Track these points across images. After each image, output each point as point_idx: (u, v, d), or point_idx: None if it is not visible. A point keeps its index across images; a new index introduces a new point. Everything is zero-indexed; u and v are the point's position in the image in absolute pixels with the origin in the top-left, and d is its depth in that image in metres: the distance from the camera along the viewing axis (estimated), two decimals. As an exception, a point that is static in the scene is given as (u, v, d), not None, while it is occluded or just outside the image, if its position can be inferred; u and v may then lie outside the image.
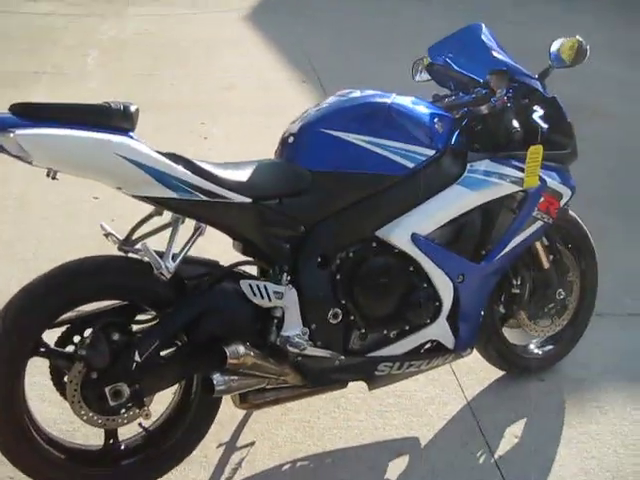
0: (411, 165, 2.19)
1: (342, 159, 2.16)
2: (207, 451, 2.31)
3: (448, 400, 2.67)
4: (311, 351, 2.12)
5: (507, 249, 2.37)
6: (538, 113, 2.39)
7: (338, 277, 2.16)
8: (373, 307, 2.20)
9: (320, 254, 2.14)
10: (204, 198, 1.95)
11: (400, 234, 2.19)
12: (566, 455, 2.44)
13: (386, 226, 2.19)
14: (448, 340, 2.37)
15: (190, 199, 1.93)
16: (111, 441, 2.08)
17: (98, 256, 2.01)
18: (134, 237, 2.11)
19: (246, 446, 2.37)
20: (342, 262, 2.17)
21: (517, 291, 2.60)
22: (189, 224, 2.04)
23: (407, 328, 2.28)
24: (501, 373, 2.82)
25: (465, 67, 2.47)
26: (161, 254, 1.94)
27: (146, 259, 1.93)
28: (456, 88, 2.49)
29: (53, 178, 1.86)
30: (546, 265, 2.64)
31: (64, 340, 1.98)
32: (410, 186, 2.20)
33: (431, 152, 2.22)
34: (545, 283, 2.65)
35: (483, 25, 2.52)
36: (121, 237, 2.10)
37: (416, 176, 2.20)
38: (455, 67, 2.49)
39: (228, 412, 2.34)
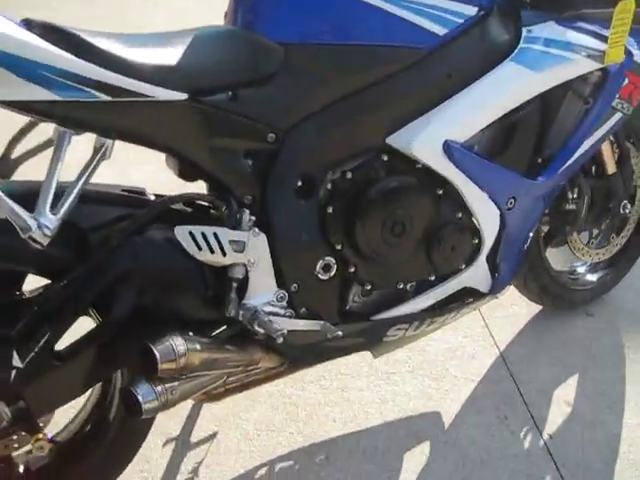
0: (442, 32, 1.39)
1: (333, 24, 1.35)
2: (150, 452, 1.64)
3: (474, 351, 2.01)
4: (292, 324, 1.40)
5: (575, 155, 1.61)
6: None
7: (330, 210, 1.40)
8: (383, 252, 1.46)
9: (300, 176, 1.38)
10: (106, 98, 1.16)
11: (426, 142, 1.42)
12: (637, 426, 1.80)
13: (403, 129, 1.41)
14: (484, 284, 1.67)
15: (83, 100, 1.14)
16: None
17: None
18: (13, 155, 1.38)
19: (204, 441, 1.70)
20: (335, 186, 1.41)
21: (572, 207, 1.87)
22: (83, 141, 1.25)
23: (432, 278, 1.56)
24: (537, 308, 2.15)
25: None
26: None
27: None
28: None
29: None
30: (611, 169, 1.91)
31: None
32: (440, 65, 1.41)
33: (472, 11, 1.42)
34: (608, 193, 1.93)
35: None
36: None
37: (449, 49, 1.41)
38: None
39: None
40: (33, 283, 1.31)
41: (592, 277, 2.16)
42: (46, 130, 1.25)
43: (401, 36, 1.37)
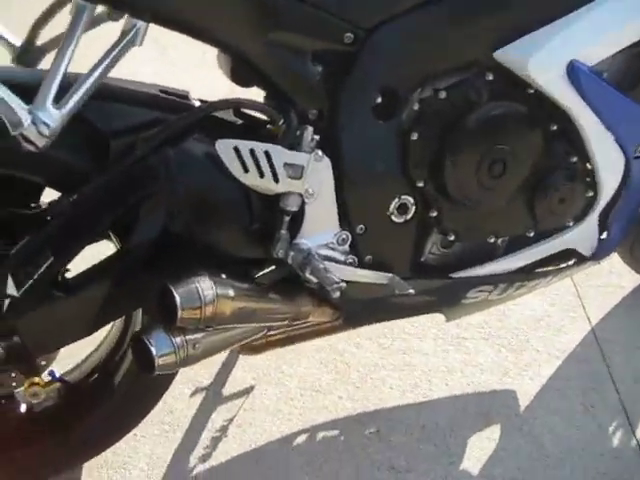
0: None
1: None
2: (174, 402, 1.42)
3: (562, 323, 1.71)
4: (353, 274, 1.13)
5: None
6: None
7: (414, 136, 1.11)
8: (476, 195, 1.17)
9: (381, 89, 1.08)
10: None
11: (546, 59, 1.10)
12: None
13: (518, 42, 1.10)
14: (588, 246, 1.36)
15: None
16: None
17: None
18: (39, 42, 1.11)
19: (238, 395, 1.47)
20: (424, 107, 1.11)
21: None
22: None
23: (530, 234, 1.26)
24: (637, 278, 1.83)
25: None
26: None
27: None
28: None
29: None
30: None
31: None
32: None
33: None
34: None
35: None
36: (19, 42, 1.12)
37: None
38: None
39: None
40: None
41: None
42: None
43: None
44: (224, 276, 1.02)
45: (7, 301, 0.99)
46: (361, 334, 1.60)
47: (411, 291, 1.17)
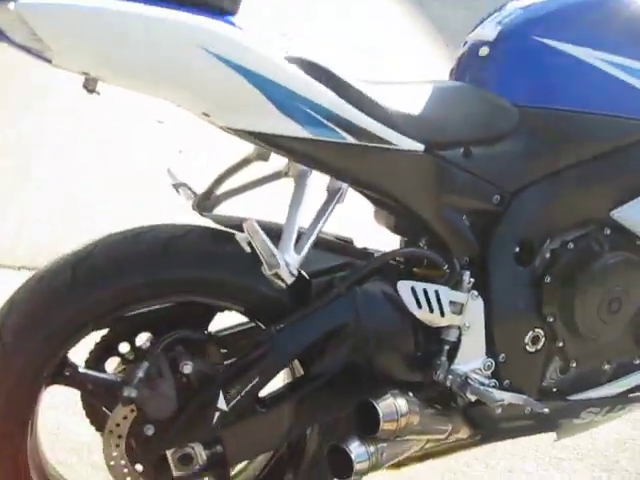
0: (676, 106, 1.34)
1: (569, 90, 1.32)
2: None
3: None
4: (496, 395, 1.33)
5: None
6: None
7: (547, 279, 1.34)
8: (597, 329, 1.39)
9: (520, 241, 1.33)
10: (352, 140, 1.14)
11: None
12: None
13: (630, 204, 1.36)
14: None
15: (330, 140, 1.12)
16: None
17: (164, 226, 1.21)
18: (218, 192, 1.36)
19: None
20: (554, 256, 1.35)
21: None
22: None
23: (637, 361, 1.47)
24: None
25: None
26: (273, 230, 1.14)
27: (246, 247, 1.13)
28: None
29: (91, 91, 1.06)
30: None
31: (99, 359, 1.23)
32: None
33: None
34: None
35: None
36: (198, 191, 1.37)
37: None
38: None
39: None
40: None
41: None
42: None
43: (632, 106, 1.33)
44: (410, 394, 1.21)
45: (217, 414, 1.18)
46: (469, 454, 1.76)
47: (546, 410, 1.35)
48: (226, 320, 1.32)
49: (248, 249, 1.13)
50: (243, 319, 1.33)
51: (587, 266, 1.35)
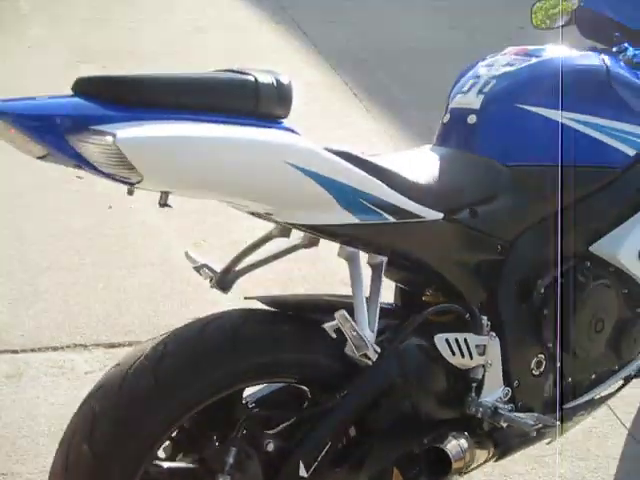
0: (632, 152, 1.59)
1: (547, 147, 1.53)
2: None
3: (606, 431, 2.15)
4: (508, 420, 1.51)
5: None
6: None
7: (545, 312, 1.55)
8: (584, 347, 1.62)
9: (520, 283, 1.53)
10: (392, 219, 1.29)
11: (626, 249, 1.60)
12: None
13: (604, 239, 1.60)
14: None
15: (373, 223, 1.27)
16: None
17: (237, 311, 1.31)
18: (237, 268, 1.46)
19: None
20: (546, 291, 1.56)
21: None
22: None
23: (616, 367, 1.72)
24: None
25: (633, 14, 1.87)
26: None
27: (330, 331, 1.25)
28: (615, 40, 1.88)
29: (164, 205, 1.15)
30: None
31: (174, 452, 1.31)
32: (631, 182, 1.61)
33: (654, 133, 1.63)
34: None
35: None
36: (217, 268, 1.47)
37: (638, 168, 1.60)
38: (615, 14, 1.89)
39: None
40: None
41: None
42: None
43: (602, 157, 1.57)
44: (465, 432, 1.38)
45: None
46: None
47: (553, 422, 1.57)
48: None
49: (334, 335, 1.25)
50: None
51: (575, 295, 1.57)
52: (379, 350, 1.24)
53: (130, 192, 1.14)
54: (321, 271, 2.63)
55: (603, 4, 1.94)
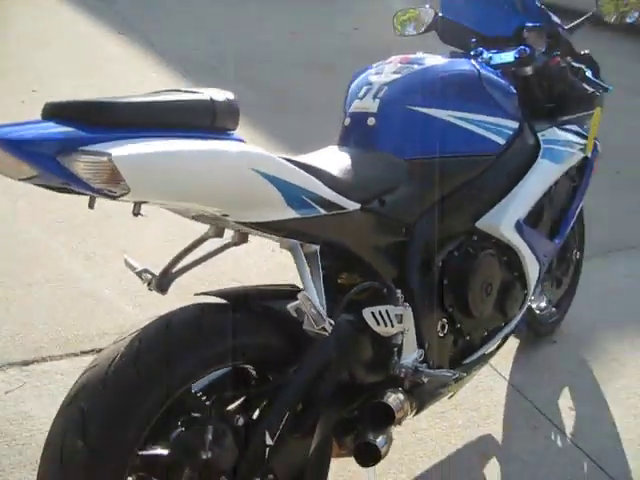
0: (502, 141, 1.89)
1: (436, 142, 1.79)
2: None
3: (490, 385, 2.48)
4: (427, 375, 1.77)
5: (572, 220, 2.19)
6: (589, 71, 2.19)
7: (445, 282, 1.82)
8: (478, 309, 1.89)
9: (422, 258, 1.79)
10: (323, 212, 1.49)
11: (504, 222, 1.90)
12: (621, 416, 2.38)
13: (486, 215, 1.88)
14: (517, 326, 2.16)
15: (310, 216, 1.46)
16: None
17: (194, 306, 1.45)
18: (173, 270, 1.61)
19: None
20: (444, 263, 1.83)
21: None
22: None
23: (503, 324, 2.02)
24: (516, 342, 2.69)
25: (483, 22, 2.20)
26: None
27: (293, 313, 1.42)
28: (472, 45, 2.20)
29: (137, 214, 1.29)
30: (568, 226, 2.52)
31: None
32: (505, 166, 1.91)
33: (515, 124, 1.94)
34: (568, 245, 2.54)
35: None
36: (156, 271, 1.60)
37: (508, 153, 1.91)
38: (469, 23, 2.21)
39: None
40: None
41: (549, 312, 2.73)
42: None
43: (480, 147, 1.85)
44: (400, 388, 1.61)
45: (267, 450, 1.46)
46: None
47: (465, 375, 1.84)
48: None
49: (294, 314, 1.42)
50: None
51: (464, 266, 1.85)
52: (333, 323, 1.43)
53: (91, 206, 1.27)
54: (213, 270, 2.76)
55: (459, 14, 2.25)
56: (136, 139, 1.17)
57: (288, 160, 1.43)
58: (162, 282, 1.59)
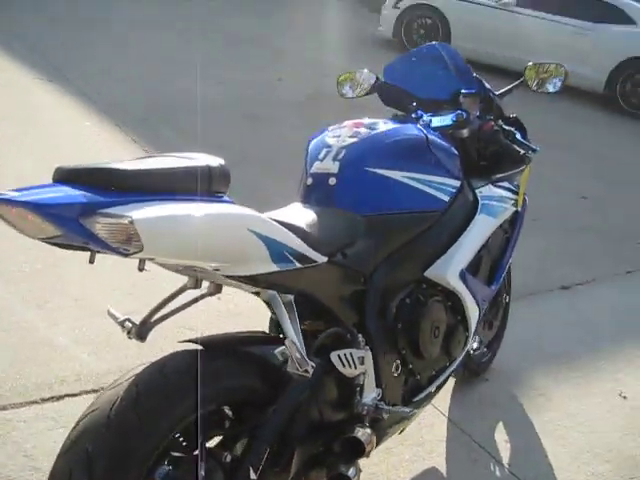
0: (447, 198, 2.10)
1: (390, 199, 1.99)
2: None
3: (432, 421, 2.66)
4: (387, 412, 1.94)
5: (506, 267, 2.42)
6: (518, 134, 2.44)
7: (399, 326, 2.00)
8: (428, 350, 2.08)
9: (378, 305, 1.97)
10: (299, 265, 1.65)
11: (450, 271, 2.10)
12: (551, 446, 2.61)
13: (433, 265, 2.08)
14: (459, 365, 2.36)
15: (287, 269, 1.62)
16: None
17: (183, 352, 1.56)
18: (152, 320, 1.73)
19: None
20: (398, 309, 2.01)
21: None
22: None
23: (447, 364, 2.21)
24: (452, 381, 2.89)
25: (422, 87, 2.43)
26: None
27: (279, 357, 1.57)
28: (412, 108, 2.43)
29: (141, 270, 1.42)
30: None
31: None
32: (449, 221, 2.12)
33: (457, 183, 2.16)
34: (499, 290, 2.77)
35: (445, 45, 2.49)
36: (137, 320, 1.72)
37: (452, 209, 2.12)
38: (409, 87, 2.44)
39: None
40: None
41: (481, 352, 2.96)
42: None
43: (427, 203, 2.05)
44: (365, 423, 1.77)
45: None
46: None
47: (416, 412, 2.01)
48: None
49: (280, 358, 1.56)
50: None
51: (415, 311, 2.03)
52: (314, 365, 1.58)
53: (92, 261, 1.39)
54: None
55: (397, 78, 2.47)
56: (148, 203, 1.31)
57: (271, 219, 1.59)
58: (141, 331, 1.70)
